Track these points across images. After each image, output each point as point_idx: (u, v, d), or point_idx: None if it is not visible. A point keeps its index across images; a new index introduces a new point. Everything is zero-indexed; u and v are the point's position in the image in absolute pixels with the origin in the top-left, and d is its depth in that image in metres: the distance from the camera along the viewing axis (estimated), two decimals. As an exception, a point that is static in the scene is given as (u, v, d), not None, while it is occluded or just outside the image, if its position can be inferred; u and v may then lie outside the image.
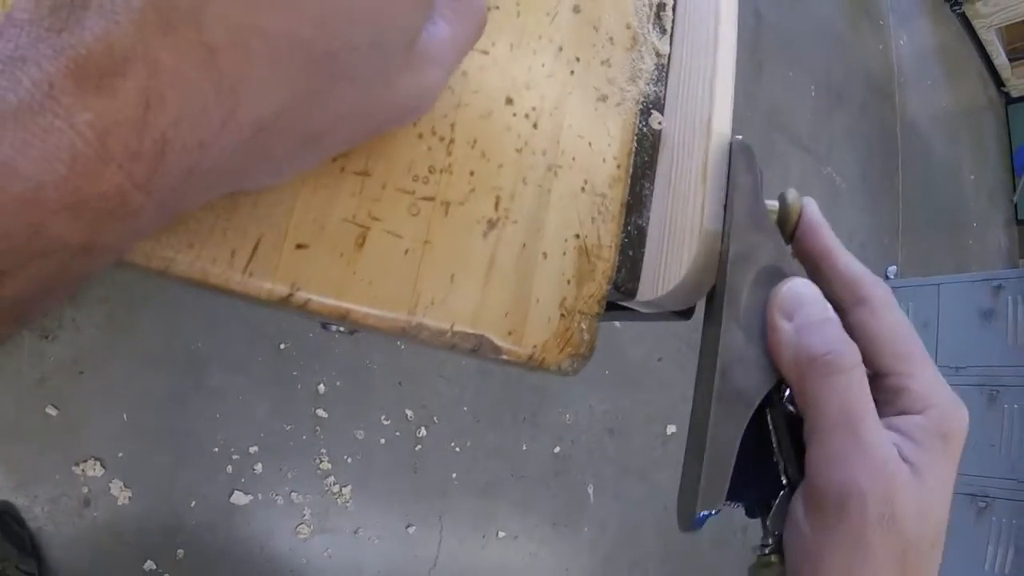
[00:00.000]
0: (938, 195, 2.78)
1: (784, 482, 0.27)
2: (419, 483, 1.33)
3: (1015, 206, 3.10)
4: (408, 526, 1.30)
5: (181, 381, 1.10)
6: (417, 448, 1.34)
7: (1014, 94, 3.23)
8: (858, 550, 0.23)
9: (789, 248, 0.30)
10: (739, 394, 0.26)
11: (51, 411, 0.99)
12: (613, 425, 1.61)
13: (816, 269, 0.29)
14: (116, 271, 0.21)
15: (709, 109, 0.31)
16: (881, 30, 2.73)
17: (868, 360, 0.26)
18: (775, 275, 0.28)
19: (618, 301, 0.32)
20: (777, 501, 0.27)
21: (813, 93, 2.38)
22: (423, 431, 1.35)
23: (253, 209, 0.22)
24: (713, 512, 0.25)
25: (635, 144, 0.32)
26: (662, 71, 0.34)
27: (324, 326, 0.27)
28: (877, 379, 0.26)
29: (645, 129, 0.33)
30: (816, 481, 0.24)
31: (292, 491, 1.18)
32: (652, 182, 0.32)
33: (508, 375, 1.50)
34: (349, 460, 1.25)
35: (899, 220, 2.57)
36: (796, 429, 0.27)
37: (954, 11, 3.07)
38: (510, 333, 0.26)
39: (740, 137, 0.31)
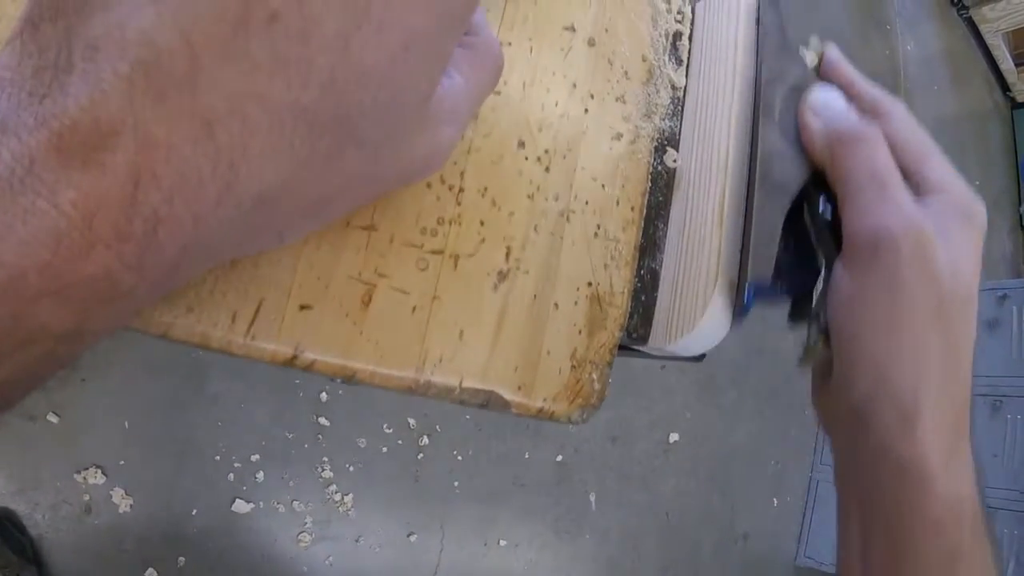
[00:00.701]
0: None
1: (821, 265, 0.29)
2: (421, 491, 1.32)
3: (1020, 215, 3.08)
4: (410, 534, 1.29)
5: (182, 388, 1.10)
6: (419, 456, 1.33)
7: (1020, 99, 3.20)
8: (896, 294, 0.24)
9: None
10: (778, 183, 0.28)
11: (52, 418, 0.98)
12: (616, 433, 1.60)
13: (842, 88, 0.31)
14: None
15: (727, 147, 0.30)
16: (888, 35, 2.72)
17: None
18: (803, 91, 0.30)
19: (630, 346, 0.31)
20: (819, 286, 0.28)
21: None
22: (425, 439, 1.34)
23: (254, 270, 0.21)
24: (763, 288, 0.27)
25: (649, 184, 0.31)
26: (677, 104, 0.33)
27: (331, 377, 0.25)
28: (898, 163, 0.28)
29: (660, 168, 0.32)
30: (850, 233, 0.26)
31: (294, 499, 1.17)
32: (666, 223, 0.31)
33: (511, 382, 1.49)
34: (351, 468, 1.25)
35: None
36: (831, 229, 0.28)
37: (961, 16, 3.05)
38: (520, 388, 0.25)
39: None
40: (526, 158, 0.27)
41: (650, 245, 0.31)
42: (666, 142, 0.32)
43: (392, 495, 1.29)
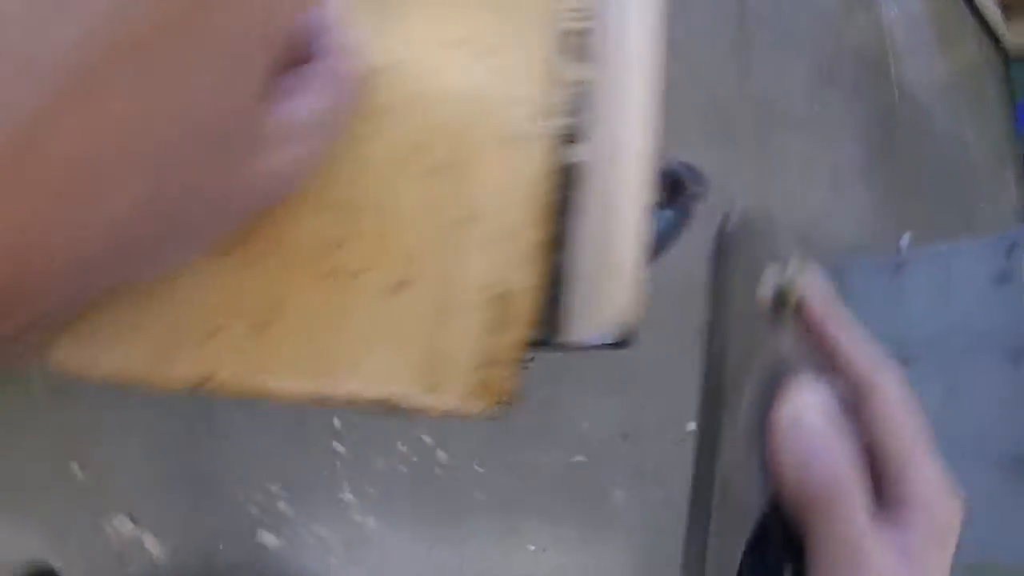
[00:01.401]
0: (945, 161, 2.73)
1: None
2: (442, 505, 1.34)
3: (1025, 163, 3.04)
4: (434, 548, 1.31)
5: (198, 427, 1.13)
6: (437, 471, 1.35)
7: (1010, 49, 3.16)
8: None
9: (788, 326, 0.30)
10: (740, 506, 0.26)
11: (76, 470, 1.02)
12: (628, 430, 1.61)
13: (820, 354, 0.30)
14: None
15: (630, 137, 0.31)
16: (871, 3, 2.70)
17: (873, 444, 0.27)
18: (774, 375, 0.28)
19: (541, 340, 0.33)
20: None
21: (806, 77, 2.36)
22: (441, 454, 1.36)
23: (160, 305, 0.23)
24: None
25: (553, 181, 0.33)
26: (581, 100, 0.34)
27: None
28: (880, 462, 0.27)
29: (564, 164, 0.33)
30: None
31: (317, 526, 1.19)
32: (572, 217, 0.33)
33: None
34: (371, 490, 1.27)
35: (908, 191, 2.53)
36: (800, 541, 0.27)
37: (943, -29, 3.02)
38: (427, 390, 0.27)
39: (732, 222, 0.32)
40: (421, 171, 0.29)
41: (558, 241, 0.32)
42: (572, 137, 0.33)
43: (414, 512, 1.31)
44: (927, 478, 0.27)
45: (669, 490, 1.64)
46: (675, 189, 0.39)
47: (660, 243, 0.41)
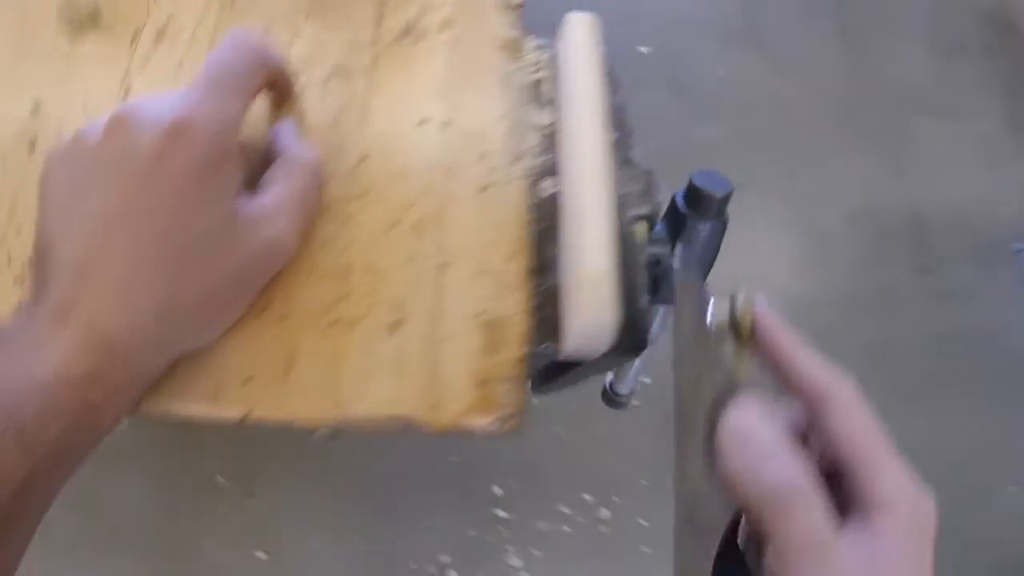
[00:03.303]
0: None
1: None
2: (612, 564, 1.33)
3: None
4: (608, 608, 1.29)
5: (370, 508, 1.23)
6: (602, 529, 1.35)
7: None
8: None
9: (746, 350, 0.31)
10: (705, 524, 0.28)
11: (261, 555, 1.15)
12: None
13: (776, 371, 0.31)
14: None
15: (578, 162, 0.35)
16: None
17: (834, 458, 0.27)
18: (726, 395, 0.29)
19: (551, 358, 0.36)
20: None
21: (925, 54, 2.18)
22: (604, 511, 1.36)
23: (209, 362, 0.32)
24: None
25: (531, 215, 0.37)
26: (551, 139, 0.39)
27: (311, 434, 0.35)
28: (844, 477, 0.27)
29: (540, 199, 0.38)
30: None
31: (489, 592, 1.24)
32: (556, 244, 0.37)
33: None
34: (537, 553, 1.29)
35: None
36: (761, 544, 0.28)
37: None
38: (431, 408, 0.32)
39: (677, 266, 0.36)
40: (400, 233, 0.35)
41: (544, 266, 0.36)
42: (544, 173, 0.38)
43: (583, 572, 1.31)
44: (894, 478, 0.26)
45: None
46: (700, 199, 0.42)
47: (704, 254, 0.44)
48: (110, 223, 0.27)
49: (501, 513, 1.31)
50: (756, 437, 0.27)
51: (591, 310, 0.33)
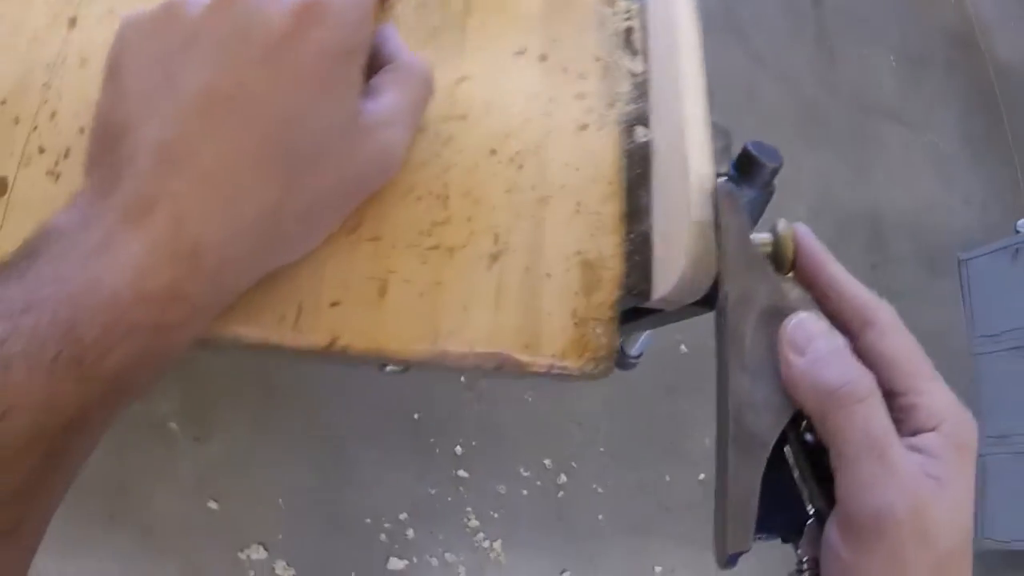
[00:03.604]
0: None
1: (810, 510, 0.28)
2: (567, 529, 1.35)
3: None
4: (562, 572, 1.31)
5: (327, 461, 1.21)
6: (560, 495, 1.36)
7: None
8: (896, 568, 0.24)
9: (790, 278, 0.31)
10: (753, 436, 0.27)
11: (212, 505, 1.11)
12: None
13: (821, 296, 0.30)
14: (253, 371, 0.27)
15: (680, 112, 0.34)
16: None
17: (880, 380, 0.27)
18: (776, 314, 0.29)
19: (636, 304, 0.35)
20: (806, 529, 0.28)
21: (894, 64, 2.26)
22: (563, 477, 1.37)
23: (292, 282, 0.28)
24: (745, 550, 0.27)
25: (625, 160, 0.35)
26: (642, 88, 0.37)
27: (380, 368, 0.32)
28: (889, 398, 0.27)
29: (633, 145, 0.36)
30: (850, 507, 0.25)
31: (445, 551, 1.23)
32: (649, 191, 0.35)
33: (638, 410, 1.50)
34: (495, 515, 1.30)
35: (1017, 171, 2.33)
36: (815, 458, 0.28)
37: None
38: (527, 347, 0.30)
39: (723, 179, 0.34)
40: (499, 162, 0.33)
41: (636, 212, 0.35)
42: (636, 122, 0.36)
43: (539, 536, 1.32)
44: (938, 395, 0.27)
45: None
46: (751, 167, 0.41)
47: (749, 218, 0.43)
48: (214, 106, 0.23)
49: (462, 473, 1.30)
50: (820, 339, 0.27)
51: (696, 259, 0.32)
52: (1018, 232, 1.97)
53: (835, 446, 0.26)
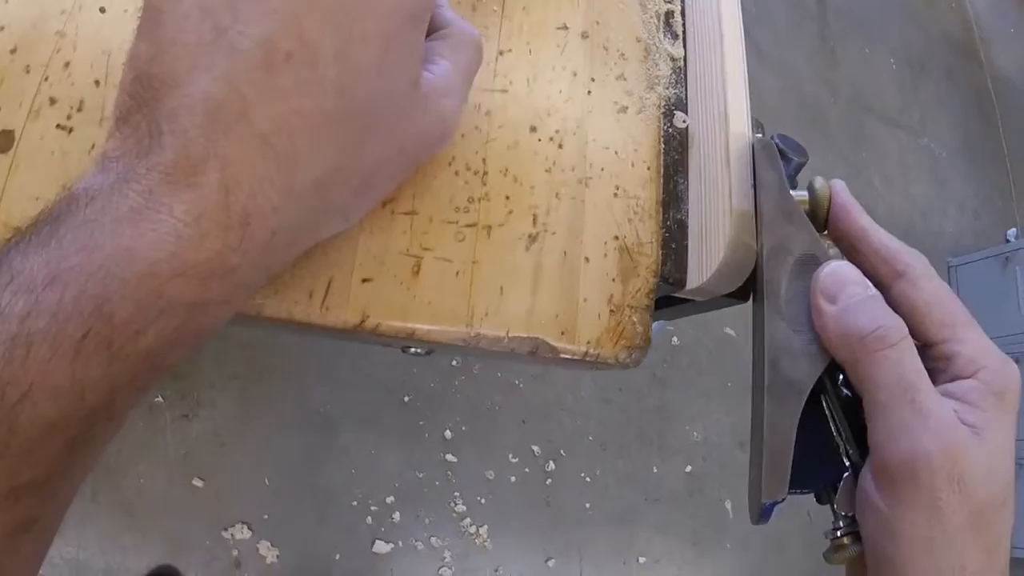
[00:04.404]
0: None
1: (847, 464, 0.27)
2: (553, 516, 1.35)
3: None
4: (547, 559, 1.31)
5: (315, 442, 1.19)
6: (547, 482, 1.36)
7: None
8: (933, 516, 0.24)
9: (824, 236, 0.31)
10: (790, 384, 0.27)
11: (198, 483, 1.10)
12: (743, 438, 1.56)
13: (853, 249, 0.30)
14: (242, 348, 0.26)
15: (724, 100, 0.33)
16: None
17: (914, 331, 0.27)
18: (811, 263, 0.29)
19: (670, 293, 0.34)
20: (842, 483, 0.27)
21: (894, 67, 2.26)
22: (551, 465, 1.37)
23: (323, 256, 0.26)
24: (780, 500, 0.27)
25: (662, 145, 0.34)
26: (680, 73, 0.36)
27: (404, 350, 0.30)
28: (926, 348, 0.27)
29: (671, 130, 0.35)
30: (883, 455, 0.25)
31: (431, 536, 1.23)
32: (686, 177, 0.34)
33: (628, 400, 1.50)
34: (482, 500, 1.29)
35: (1010, 179, 2.36)
36: (852, 411, 0.27)
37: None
38: (563, 333, 0.29)
39: (760, 135, 0.33)
40: (539, 139, 0.31)
41: (673, 199, 0.34)
42: (674, 107, 0.35)
43: (526, 523, 1.32)
44: (975, 342, 0.26)
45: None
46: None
47: None
48: (272, 63, 0.20)
49: (450, 457, 1.29)
50: (852, 286, 0.27)
51: (734, 249, 0.31)
52: (1008, 241, 1.99)
53: (867, 392, 0.26)
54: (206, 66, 0.20)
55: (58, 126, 0.27)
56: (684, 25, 0.38)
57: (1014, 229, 2.18)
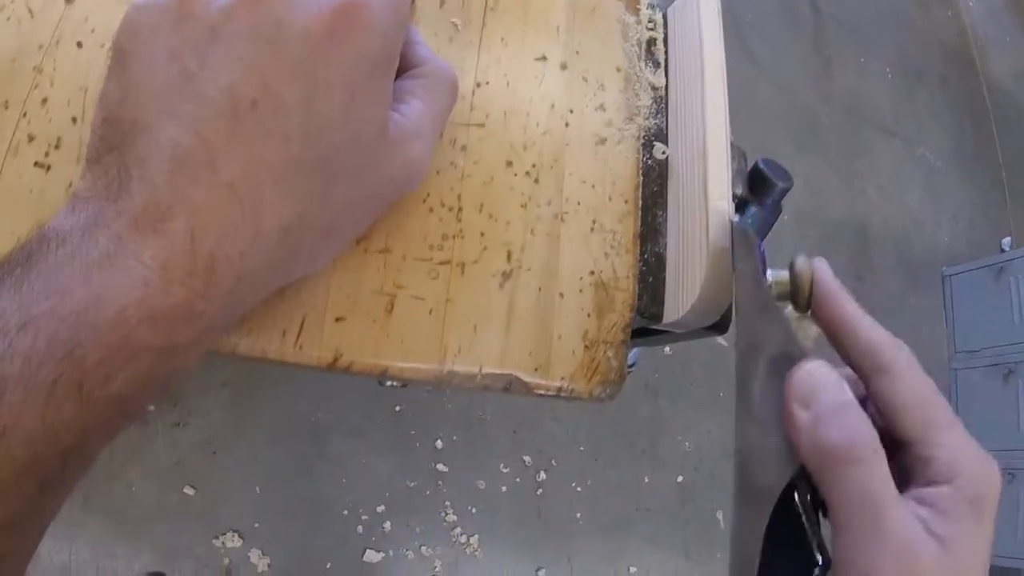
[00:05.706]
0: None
1: (818, 559, 0.26)
2: (544, 526, 1.35)
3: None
4: (538, 569, 1.31)
5: (306, 451, 1.19)
6: (539, 492, 1.36)
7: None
8: None
9: (808, 316, 0.30)
10: (758, 490, 0.26)
11: (189, 491, 1.09)
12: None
13: (835, 336, 0.29)
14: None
15: (703, 132, 0.33)
16: (948, -1, 2.58)
17: (892, 428, 0.26)
18: (786, 361, 0.27)
19: (646, 325, 0.34)
20: None
21: (889, 76, 2.27)
22: (542, 475, 1.37)
23: (296, 295, 0.26)
24: None
25: (641, 177, 0.34)
26: (661, 103, 0.36)
27: (380, 383, 0.30)
28: (903, 447, 0.26)
29: (651, 161, 0.35)
30: (841, 570, 0.24)
31: (422, 545, 1.22)
32: (665, 209, 0.34)
33: (619, 410, 1.50)
34: (473, 510, 1.29)
35: (1005, 189, 2.36)
36: (825, 506, 0.26)
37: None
38: (536, 369, 0.29)
39: (737, 219, 0.33)
40: (515, 174, 0.31)
41: (651, 232, 0.34)
42: (654, 137, 0.35)
43: (516, 533, 1.32)
44: (954, 444, 0.25)
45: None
46: (762, 186, 0.40)
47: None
48: (242, 108, 0.21)
49: (441, 467, 1.29)
50: (825, 393, 0.25)
51: (711, 284, 0.31)
52: (1003, 250, 1.99)
53: (831, 505, 0.25)
54: (173, 111, 0.21)
55: (36, 163, 0.27)
56: (667, 53, 0.38)
57: (1009, 239, 2.18)
